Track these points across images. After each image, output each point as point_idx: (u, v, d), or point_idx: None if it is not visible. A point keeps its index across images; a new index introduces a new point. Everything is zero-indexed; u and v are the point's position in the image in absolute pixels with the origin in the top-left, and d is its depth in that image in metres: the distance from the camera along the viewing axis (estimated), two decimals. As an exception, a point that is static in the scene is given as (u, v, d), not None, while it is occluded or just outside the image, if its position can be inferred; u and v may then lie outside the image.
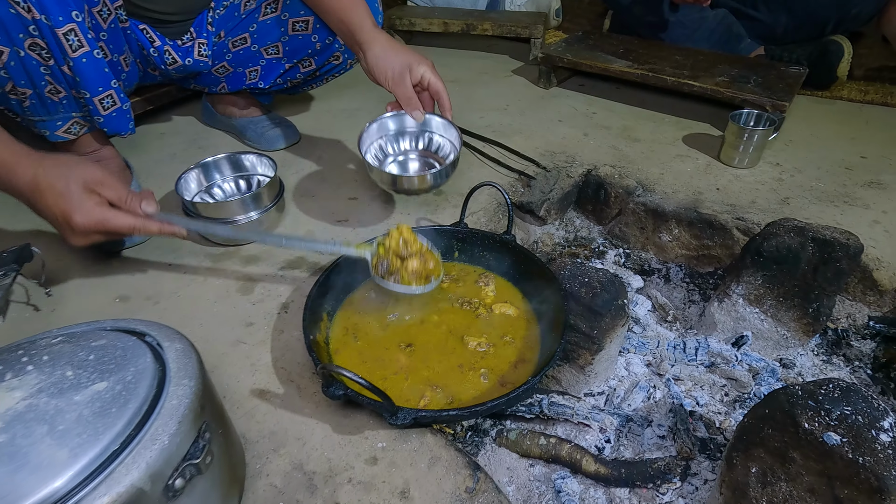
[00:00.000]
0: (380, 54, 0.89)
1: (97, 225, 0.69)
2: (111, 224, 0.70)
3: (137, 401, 0.45)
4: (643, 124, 1.42)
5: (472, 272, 0.92)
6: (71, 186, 0.67)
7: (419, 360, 0.77)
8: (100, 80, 0.86)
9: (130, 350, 0.50)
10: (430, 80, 0.90)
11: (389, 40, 0.91)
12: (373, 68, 0.91)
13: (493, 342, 0.79)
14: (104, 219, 0.69)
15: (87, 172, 0.69)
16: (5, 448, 0.39)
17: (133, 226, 0.71)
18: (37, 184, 0.66)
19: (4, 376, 0.46)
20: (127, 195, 0.72)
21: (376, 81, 0.92)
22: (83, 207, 0.68)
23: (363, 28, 0.91)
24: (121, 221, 0.71)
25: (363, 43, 0.91)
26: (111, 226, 0.70)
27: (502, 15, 1.94)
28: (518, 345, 0.79)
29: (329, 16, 0.98)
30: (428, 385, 0.73)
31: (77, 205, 0.67)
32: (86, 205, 0.68)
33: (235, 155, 1.07)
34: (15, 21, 0.75)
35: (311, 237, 0.80)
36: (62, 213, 0.67)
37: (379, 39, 0.90)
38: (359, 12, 0.92)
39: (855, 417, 0.53)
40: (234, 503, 0.56)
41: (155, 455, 0.42)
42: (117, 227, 0.70)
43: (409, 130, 1.02)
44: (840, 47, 1.50)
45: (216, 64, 1.18)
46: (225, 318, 0.86)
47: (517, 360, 0.77)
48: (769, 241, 0.83)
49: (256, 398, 0.73)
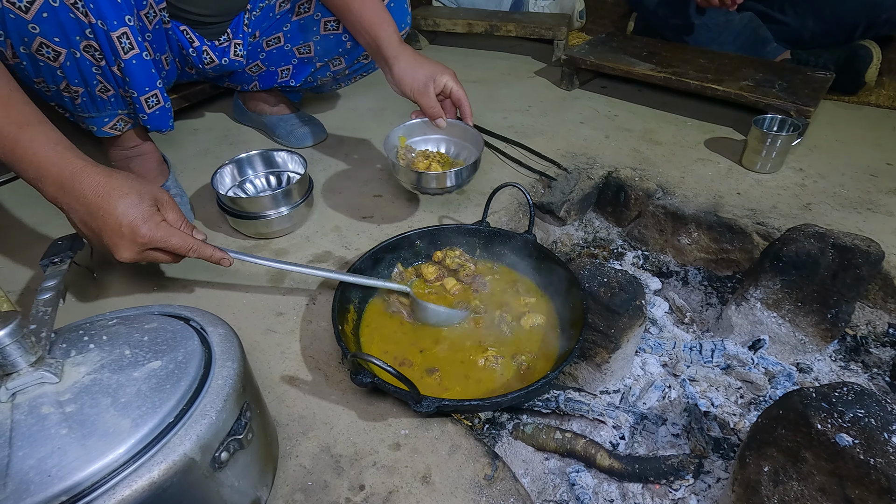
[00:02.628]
0: (406, 68, 0.95)
1: (160, 240, 0.70)
2: (172, 242, 0.71)
3: (188, 379, 0.49)
4: (665, 127, 1.43)
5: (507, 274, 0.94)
6: (144, 198, 0.69)
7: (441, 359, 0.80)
8: (147, 80, 0.90)
9: (179, 333, 0.54)
10: (453, 89, 0.95)
11: (414, 54, 0.96)
12: (399, 81, 0.96)
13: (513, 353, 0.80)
14: (168, 235, 0.70)
15: (155, 190, 0.72)
16: (76, 416, 0.44)
17: (191, 247, 0.73)
18: (109, 189, 0.67)
19: (70, 353, 0.50)
20: (184, 219, 0.75)
21: (402, 93, 0.98)
22: (152, 220, 0.69)
23: (390, 44, 0.96)
24: (181, 241, 0.72)
25: (389, 58, 0.96)
26: (172, 244, 0.71)
27: (526, 16, 1.95)
28: (538, 344, 0.82)
29: (356, 29, 1.02)
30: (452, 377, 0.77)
31: (147, 216, 0.69)
32: (154, 218, 0.69)
33: (268, 152, 1.12)
34: (74, 25, 0.79)
35: (355, 274, 0.83)
36: (130, 224, 0.67)
37: (404, 54, 0.95)
38: (385, 29, 0.97)
39: (868, 420, 0.54)
40: (269, 479, 0.60)
41: (204, 428, 0.46)
42: (177, 246, 0.72)
43: (432, 137, 1.08)
44: (869, 52, 1.48)
45: (250, 63, 1.22)
46: (256, 307, 0.90)
47: (538, 358, 0.80)
48: (789, 246, 0.84)
49: (286, 384, 0.77)
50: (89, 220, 0.68)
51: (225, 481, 0.50)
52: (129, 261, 0.70)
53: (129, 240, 0.68)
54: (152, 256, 0.72)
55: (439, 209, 1.13)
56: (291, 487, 0.64)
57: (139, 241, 0.69)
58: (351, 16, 1.01)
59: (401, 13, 1.15)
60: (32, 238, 1.05)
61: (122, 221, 0.67)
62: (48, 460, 0.41)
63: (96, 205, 0.67)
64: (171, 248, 0.72)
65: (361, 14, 0.98)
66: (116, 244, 0.69)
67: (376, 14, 0.98)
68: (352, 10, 0.99)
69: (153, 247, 0.71)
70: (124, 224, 0.67)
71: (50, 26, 0.78)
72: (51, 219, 1.10)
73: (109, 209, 0.67)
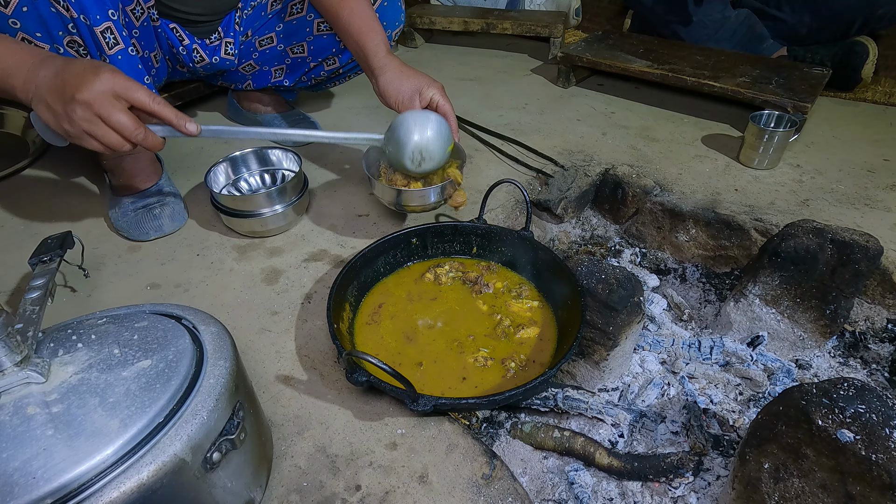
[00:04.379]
0: (391, 79, 0.93)
1: (122, 84, 0.69)
2: (133, 88, 0.70)
3: (179, 378, 0.48)
4: (662, 124, 1.43)
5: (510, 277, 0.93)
6: (103, 65, 0.71)
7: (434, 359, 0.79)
8: (133, 76, 0.89)
9: (170, 332, 0.53)
10: (439, 103, 0.93)
11: (401, 66, 0.94)
12: (384, 92, 0.94)
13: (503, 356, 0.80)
14: (130, 82, 0.70)
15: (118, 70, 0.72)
16: (63, 416, 0.43)
17: (153, 97, 0.72)
18: (69, 60, 0.69)
19: (57, 352, 0.49)
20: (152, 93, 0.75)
21: (388, 105, 0.96)
22: (114, 70, 0.70)
23: (377, 55, 0.94)
24: (144, 91, 0.71)
25: (375, 69, 0.94)
26: (133, 89, 0.70)
27: (522, 14, 1.95)
28: (533, 344, 0.81)
29: (345, 37, 1.01)
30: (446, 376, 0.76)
31: (112, 69, 0.70)
32: (116, 70, 0.70)
33: (262, 150, 1.11)
34: (55, 19, 0.78)
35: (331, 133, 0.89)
36: (93, 64, 0.69)
37: (390, 66, 0.93)
38: (373, 38, 0.95)
39: (869, 415, 0.53)
40: (263, 480, 0.59)
41: (195, 428, 0.45)
42: (139, 96, 0.71)
43: None
44: (865, 48, 1.48)
45: (243, 62, 1.21)
46: (251, 306, 0.89)
47: (533, 359, 0.79)
48: (787, 241, 0.84)
49: (281, 383, 0.76)
50: (55, 83, 0.68)
51: (217, 482, 0.49)
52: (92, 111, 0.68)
53: (93, 74, 0.68)
54: (115, 118, 0.70)
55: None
56: (286, 488, 0.63)
57: (103, 75, 0.68)
58: (339, 23, 0.99)
59: (394, 11, 1.14)
60: (23, 237, 1.04)
61: (86, 66, 0.68)
62: (33, 462, 0.40)
63: (62, 67, 0.69)
64: (134, 99, 0.71)
65: (350, 22, 0.97)
66: (81, 83, 0.67)
67: (364, 23, 0.96)
68: (340, 18, 0.98)
69: (117, 94, 0.69)
70: (88, 66, 0.68)
71: (31, 21, 0.77)
72: (41, 217, 1.09)
73: (75, 63, 0.69)
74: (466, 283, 0.91)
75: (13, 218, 1.09)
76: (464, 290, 0.90)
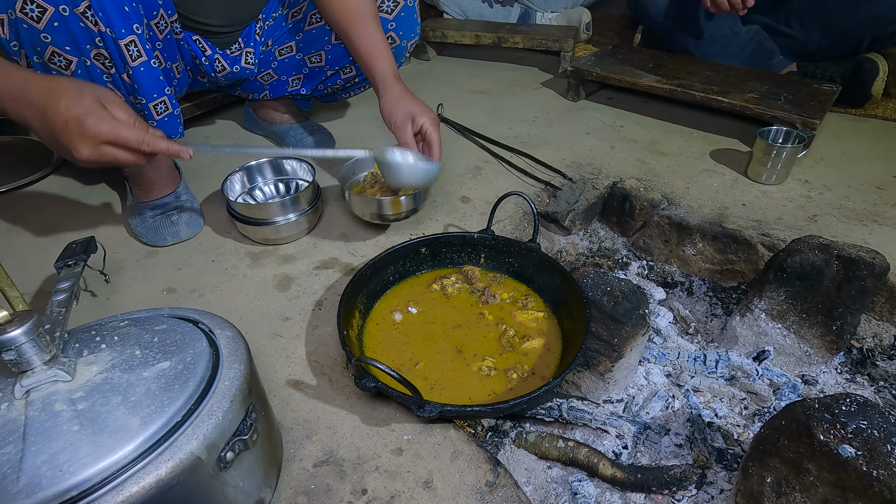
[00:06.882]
0: (390, 101, 1.00)
1: (108, 133, 0.69)
2: (122, 135, 0.70)
3: (196, 379, 0.50)
4: (671, 138, 1.44)
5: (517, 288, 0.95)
6: (85, 95, 0.69)
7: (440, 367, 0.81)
8: (155, 87, 0.93)
9: (188, 335, 0.55)
10: (427, 131, 0.99)
11: (401, 91, 1.01)
12: (382, 114, 1.02)
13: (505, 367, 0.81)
14: (115, 128, 0.70)
15: (99, 89, 0.72)
16: (87, 413, 0.45)
17: (143, 140, 0.72)
18: (51, 90, 0.68)
19: (82, 353, 0.51)
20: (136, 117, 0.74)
21: (386, 124, 1.03)
22: (96, 114, 0.69)
23: (382, 78, 1.01)
24: (131, 134, 0.71)
25: (379, 90, 1.02)
26: (122, 136, 0.70)
27: (533, 28, 1.98)
28: (539, 355, 0.82)
29: (355, 56, 1.07)
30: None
31: (91, 110, 0.68)
32: (99, 112, 0.69)
33: (277, 160, 1.14)
34: (84, 33, 0.82)
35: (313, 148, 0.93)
36: (75, 118, 0.67)
37: (391, 89, 1.00)
38: (380, 62, 1.02)
39: (870, 431, 0.54)
40: (273, 481, 0.61)
41: (211, 428, 0.47)
42: (127, 138, 0.71)
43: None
44: (875, 65, 1.49)
45: (262, 71, 1.25)
46: (263, 312, 0.91)
47: (538, 369, 0.80)
48: (793, 257, 0.84)
49: (291, 388, 0.78)
50: (43, 123, 0.69)
51: (230, 481, 0.51)
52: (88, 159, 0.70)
53: (78, 135, 0.68)
54: (110, 154, 0.71)
55: (445, 217, 1.14)
56: (295, 490, 0.65)
57: (87, 134, 0.68)
58: (350, 43, 1.05)
59: (411, 23, 1.17)
60: (46, 241, 1.08)
61: (66, 117, 0.67)
62: (60, 456, 0.42)
63: (43, 106, 0.68)
64: (123, 142, 0.71)
65: (360, 44, 1.03)
66: (69, 142, 0.69)
67: (373, 47, 1.02)
68: (351, 39, 1.04)
69: (105, 141, 0.70)
70: (69, 119, 0.67)
71: (61, 35, 0.81)
72: (64, 223, 1.13)
73: (54, 107, 0.68)
74: (473, 293, 0.93)
75: (37, 222, 1.13)
76: (470, 300, 0.92)
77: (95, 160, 0.71)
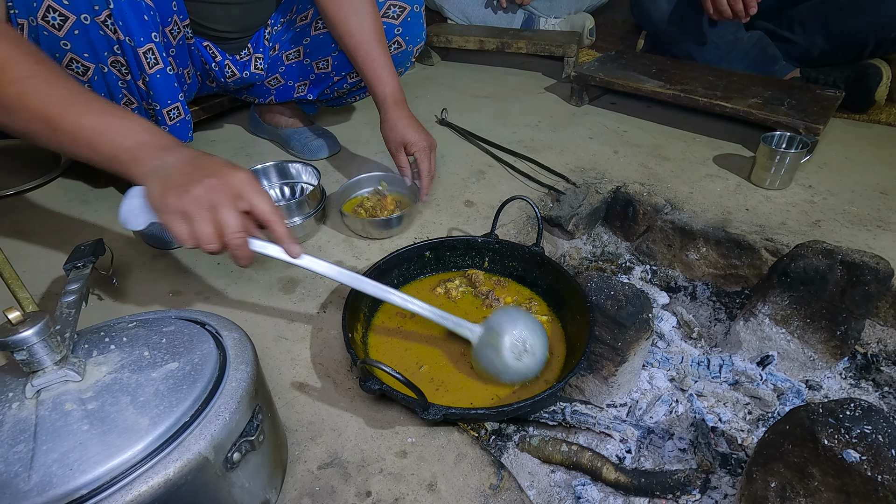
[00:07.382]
0: (386, 129, 1.05)
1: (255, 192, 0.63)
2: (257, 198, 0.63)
3: (204, 380, 0.50)
4: (674, 143, 1.44)
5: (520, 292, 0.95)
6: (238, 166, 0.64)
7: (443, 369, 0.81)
8: (170, 93, 0.94)
9: (196, 336, 0.56)
10: (418, 158, 1.04)
11: (399, 115, 1.04)
12: (382, 133, 1.07)
13: None
14: (258, 190, 0.63)
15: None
16: (97, 413, 0.45)
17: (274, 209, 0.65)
18: (202, 153, 0.64)
19: (91, 353, 0.52)
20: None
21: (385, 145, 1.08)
22: (249, 174, 0.64)
23: (384, 104, 1.06)
24: (265, 203, 0.64)
25: (380, 112, 1.07)
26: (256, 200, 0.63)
27: (537, 34, 1.99)
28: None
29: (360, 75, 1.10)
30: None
31: (245, 170, 0.64)
32: (251, 175, 0.64)
33: (283, 163, 1.15)
34: (102, 41, 0.84)
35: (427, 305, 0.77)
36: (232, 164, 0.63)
37: (391, 113, 1.05)
38: (382, 87, 1.05)
39: (875, 436, 0.54)
40: (278, 482, 0.61)
41: (218, 429, 0.48)
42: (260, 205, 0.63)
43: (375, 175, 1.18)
44: (878, 71, 1.49)
45: (269, 76, 1.27)
46: (268, 314, 0.92)
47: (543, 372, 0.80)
48: (797, 262, 0.85)
49: (296, 390, 0.79)
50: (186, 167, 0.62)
51: (236, 482, 0.51)
52: (215, 192, 0.60)
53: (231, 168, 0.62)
54: (224, 214, 0.61)
55: (448, 221, 1.15)
56: (299, 492, 0.65)
57: (238, 173, 0.62)
58: (355, 63, 1.08)
59: (416, 28, 1.18)
60: (54, 243, 1.09)
61: (223, 161, 0.64)
62: (70, 455, 0.43)
63: (196, 155, 0.64)
64: (256, 206, 0.63)
65: (363, 67, 1.06)
66: (213, 171, 0.61)
67: (374, 71, 1.05)
68: (356, 61, 1.07)
69: (240, 195, 0.62)
70: (226, 163, 0.63)
71: (80, 43, 0.82)
72: (72, 225, 1.14)
73: (212, 157, 0.64)
74: (477, 296, 0.93)
75: (45, 225, 1.15)
76: (474, 303, 0.92)
77: (209, 202, 0.61)
